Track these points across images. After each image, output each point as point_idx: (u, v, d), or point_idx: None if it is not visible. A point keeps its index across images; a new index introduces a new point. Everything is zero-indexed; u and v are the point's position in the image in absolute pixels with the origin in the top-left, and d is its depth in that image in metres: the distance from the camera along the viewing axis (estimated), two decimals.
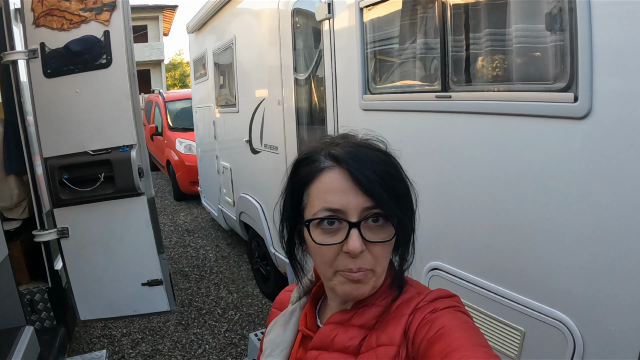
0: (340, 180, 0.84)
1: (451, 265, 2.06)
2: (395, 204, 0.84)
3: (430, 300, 0.87)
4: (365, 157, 0.85)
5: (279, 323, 1.05)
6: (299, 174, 0.90)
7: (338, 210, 0.83)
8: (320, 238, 0.85)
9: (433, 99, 2.04)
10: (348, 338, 0.88)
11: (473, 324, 0.83)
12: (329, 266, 0.86)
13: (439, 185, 2.08)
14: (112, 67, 2.80)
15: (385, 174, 0.84)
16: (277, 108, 3.73)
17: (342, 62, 2.71)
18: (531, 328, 1.69)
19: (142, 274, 3.08)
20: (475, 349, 0.73)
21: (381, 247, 0.85)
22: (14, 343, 2.32)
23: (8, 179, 3.24)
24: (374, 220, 0.84)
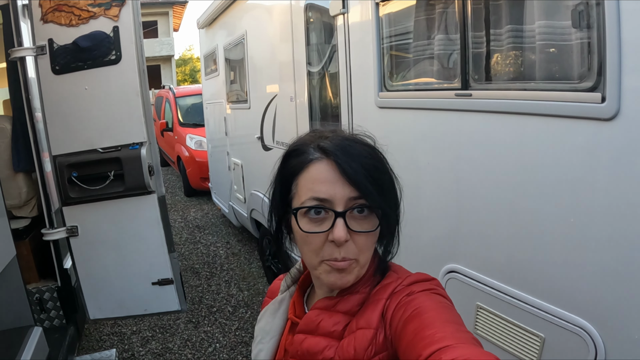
0: (328, 171, 0.88)
1: (469, 268, 2.02)
2: (380, 196, 0.88)
3: (407, 284, 0.91)
4: (353, 150, 0.89)
5: (269, 311, 1.10)
6: (288, 164, 0.95)
7: (325, 200, 0.87)
8: (307, 227, 0.89)
9: (452, 97, 1.99)
10: (333, 323, 0.93)
11: (448, 303, 0.87)
12: (315, 255, 0.91)
13: (457, 186, 2.03)
14: (122, 63, 2.78)
15: (371, 167, 0.89)
16: (289, 104, 3.69)
17: (357, 58, 2.66)
18: (551, 334, 1.65)
19: (152, 273, 3.07)
20: (445, 325, 0.77)
21: (365, 237, 0.90)
22: (22, 344, 2.30)
23: (16, 177, 3.22)
24: (359, 211, 0.88)
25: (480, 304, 1.93)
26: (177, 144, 9.75)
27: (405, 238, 2.37)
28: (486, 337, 1.90)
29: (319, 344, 0.93)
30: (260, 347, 1.08)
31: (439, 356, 0.69)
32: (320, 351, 0.92)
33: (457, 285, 2.06)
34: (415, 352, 0.74)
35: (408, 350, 0.77)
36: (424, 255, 2.29)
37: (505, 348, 1.81)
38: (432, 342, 0.73)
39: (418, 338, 0.76)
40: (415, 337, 0.77)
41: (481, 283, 1.93)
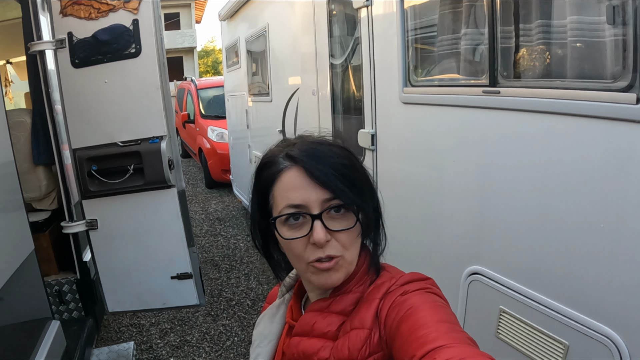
0: (299, 178, 0.91)
1: (493, 271, 1.98)
2: (353, 192, 0.91)
3: (401, 284, 0.92)
4: (320, 153, 0.92)
5: (266, 316, 1.14)
6: (262, 177, 0.99)
7: (300, 206, 0.91)
8: (288, 234, 0.93)
9: (480, 94, 1.94)
10: (326, 324, 0.95)
11: (442, 303, 0.88)
12: (301, 259, 0.93)
13: (482, 186, 1.99)
14: (142, 56, 2.77)
15: (339, 166, 0.91)
16: (311, 97, 3.67)
17: (381, 52, 2.62)
18: (576, 342, 1.61)
19: (171, 267, 3.08)
20: (439, 325, 0.77)
21: (346, 235, 0.92)
22: (40, 337, 2.33)
23: (36, 170, 3.25)
24: (335, 211, 0.91)
25: (503, 308, 1.89)
26: (198, 135, 9.82)
27: (426, 238, 2.35)
28: (509, 342, 1.86)
29: (314, 345, 0.95)
30: (259, 351, 1.11)
31: (432, 356, 0.70)
32: (316, 352, 0.94)
33: (480, 288, 2.03)
34: (410, 352, 0.75)
35: (402, 350, 0.78)
36: (446, 255, 2.25)
37: (528, 354, 1.78)
38: (426, 342, 0.73)
39: (412, 338, 0.77)
40: (409, 337, 0.78)
41: (505, 286, 1.89)
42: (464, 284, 2.11)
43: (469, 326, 2.11)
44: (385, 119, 2.63)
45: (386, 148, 2.66)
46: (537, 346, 1.74)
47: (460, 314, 2.14)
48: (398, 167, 2.58)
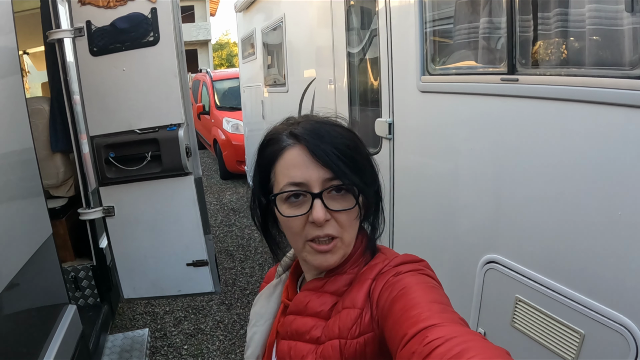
0: (301, 156, 0.92)
1: (509, 259, 1.98)
2: (354, 174, 0.92)
3: (394, 265, 0.94)
4: (324, 132, 0.93)
5: (264, 296, 1.16)
6: (264, 154, 1.00)
7: (301, 184, 0.92)
8: (288, 211, 0.94)
9: (498, 82, 1.94)
10: (320, 304, 0.97)
11: (435, 284, 0.89)
12: (299, 237, 0.95)
13: (500, 173, 1.99)
14: (160, 44, 2.80)
15: (342, 146, 0.92)
16: (328, 88, 3.68)
17: (399, 42, 2.63)
18: (591, 331, 1.61)
19: (187, 254, 3.12)
20: (431, 305, 0.78)
21: (345, 215, 0.93)
22: (57, 321, 2.37)
23: (54, 157, 3.30)
24: (336, 191, 0.92)
25: (519, 297, 1.90)
26: (213, 127, 9.89)
27: (443, 226, 2.37)
28: (524, 330, 1.87)
29: (306, 324, 0.97)
30: (255, 330, 1.13)
31: (424, 334, 0.70)
32: (308, 331, 0.96)
33: (496, 276, 2.04)
34: (402, 331, 0.76)
35: (394, 330, 0.79)
36: (463, 243, 2.26)
37: (543, 343, 1.78)
38: (418, 321, 0.74)
39: (404, 317, 0.77)
40: (401, 316, 0.78)
41: (521, 275, 1.90)
42: (480, 273, 2.12)
43: (484, 315, 2.12)
44: (402, 108, 2.64)
45: (403, 137, 2.67)
46: (553, 335, 1.75)
47: (476, 302, 2.15)
48: (415, 155, 2.59)
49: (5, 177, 2.06)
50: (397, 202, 2.76)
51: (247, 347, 1.14)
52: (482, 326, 2.14)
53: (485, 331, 2.11)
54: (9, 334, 1.92)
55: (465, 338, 0.67)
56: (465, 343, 0.66)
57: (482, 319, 2.14)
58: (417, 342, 0.70)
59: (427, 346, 0.68)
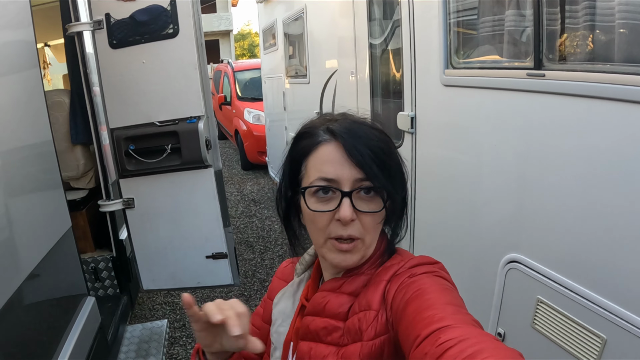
0: (336, 153, 0.93)
1: (532, 259, 1.95)
2: (385, 178, 0.92)
3: (409, 266, 0.95)
4: (361, 133, 0.94)
5: (287, 294, 1.15)
6: (298, 146, 1.00)
7: (332, 180, 0.93)
8: (315, 206, 0.95)
9: (524, 77, 1.89)
10: (338, 305, 0.98)
11: (450, 286, 0.89)
12: (322, 233, 0.95)
13: (524, 171, 1.95)
14: (179, 37, 2.81)
15: (377, 149, 0.93)
16: (350, 80, 3.65)
17: (422, 34, 2.58)
18: (614, 336, 1.58)
19: (206, 247, 3.14)
20: (445, 307, 0.78)
21: (371, 218, 0.94)
22: (75, 313, 2.41)
23: (74, 149, 3.34)
24: (365, 192, 0.93)
25: (541, 298, 1.87)
26: (235, 117, 9.93)
27: (464, 224, 2.33)
28: (545, 333, 1.84)
29: (326, 326, 0.97)
30: (281, 331, 1.12)
31: (437, 335, 0.71)
32: (329, 333, 0.97)
33: (517, 277, 2.01)
34: (415, 332, 0.76)
35: (408, 331, 0.79)
36: (484, 243, 2.23)
37: (563, 346, 1.75)
38: (431, 322, 0.74)
39: (418, 318, 0.78)
40: (415, 317, 0.79)
41: (544, 276, 1.86)
42: (502, 272, 2.08)
43: (504, 315, 2.10)
44: (425, 102, 2.60)
45: (426, 131, 2.63)
46: (574, 339, 1.71)
47: (497, 302, 2.12)
48: (437, 150, 2.55)
49: (25, 170, 2.09)
50: (418, 196, 2.73)
51: (275, 349, 1.12)
52: (502, 326, 2.11)
53: (505, 332, 2.09)
54: (29, 324, 1.95)
55: (479, 339, 0.67)
56: (479, 344, 0.66)
57: (502, 319, 2.11)
58: (430, 343, 0.70)
59: (440, 347, 0.68)
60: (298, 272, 1.17)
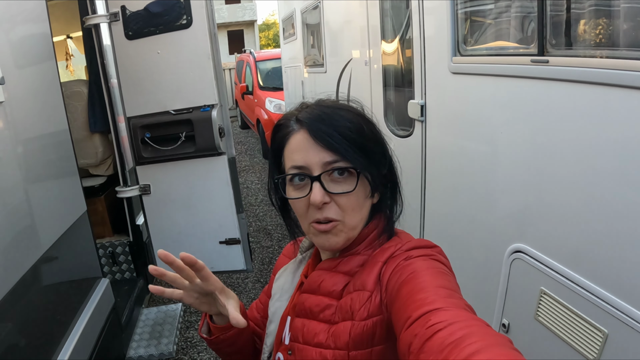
0: (304, 140, 0.92)
1: (536, 250, 1.86)
2: (359, 156, 0.91)
3: (406, 249, 0.92)
4: (326, 116, 0.93)
5: (288, 270, 1.15)
6: (275, 139, 1.01)
7: (302, 167, 0.92)
8: (292, 193, 0.95)
9: (528, 63, 1.80)
10: (332, 284, 0.96)
11: (445, 270, 0.86)
12: (304, 218, 0.96)
13: (531, 160, 1.86)
14: (193, 27, 2.81)
15: (344, 129, 0.91)
16: (364, 69, 3.58)
17: (431, 21, 2.50)
18: (615, 331, 1.49)
19: (220, 232, 3.15)
20: (438, 289, 0.77)
21: (346, 198, 0.92)
22: (89, 294, 2.44)
23: (93, 138, 3.38)
24: (339, 173, 0.91)
25: (544, 289, 1.79)
26: (256, 107, 9.88)
27: (472, 211, 2.26)
28: (547, 325, 1.76)
29: (320, 303, 0.96)
30: (278, 305, 1.12)
31: (428, 317, 0.70)
32: (321, 310, 0.95)
33: (522, 267, 1.93)
34: (406, 313, 0.75)
35: (400, 313, 0.78)
36: (491, 231, 2.15)
37: (564, 339, 1.67)
38: (423, 304, 0.73)
39: (410, 301, 0.77)
40: (407, 299, 0.78)
41: (547, 267, 1.78)
42: (507, 262, 2.01)
43: (509, 306, 2.02)
44: (434, 90, 2.53)
45: (435, 119, 2.55)
46: (575, 332, 1.63)
47: (502, 292, 2.05)
48: (446, 138, 2.47)
49: (43, 157, 2.12)
50: (428, 185, 2.66)
51: (270, 322, 1.13)
52: (506, 317, 2.04)
53: (510, 322, 2.01)
54: (42, 302, 1.98)
55: (468, 323, 0.66)
56: (468, 328, 0.65)
57: (506, 309, 2.04)
58: (420, 325, 0.69)
59: (429, 329, 0.67)
60: (302, 249, 1.16)
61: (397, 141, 2.99)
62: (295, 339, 0.99)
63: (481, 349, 0.59)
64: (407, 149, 2.83)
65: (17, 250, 1.76)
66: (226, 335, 1.08)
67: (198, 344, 3.56)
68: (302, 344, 0.96)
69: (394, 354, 0.83)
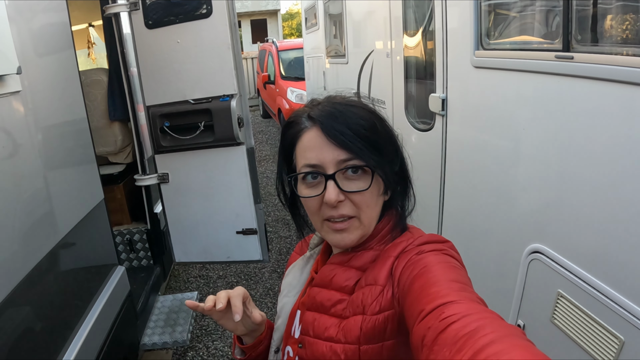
0: (317, 138, 0.92)
1: (555, 251, 1.82)
2: (373, 154, 0.90)
3: (418, 244, 0.92)
4: (339, 113, 0.92)
5: (296, 267, 1.16)
6: (286, 136, 1.00)
7: (316, 165, 0.92)
8: (305, 192, 0.95)
9: (552, 59, 1.74)
10: (345, 278, 0.97)
11: (457, 264, 0.86)
12: (317, 216, 0.95)
13: (551, 157, 1.81)
14: (213, 16, 2.79)
15: (356, 126, 0.90)
16: (385, 61, 3.54)
17: (454, 14, 2.45)
18: (632, 338, 1.45)
19: (237, 222, 3.15)
20: (451, 283, 0.77)
21: (360, 196, 0.92)
22: (105, 281, 2.46)
23: (112, 126, 3.40)
24: (353, 171, 0.91)
25: (561, 292, 1.74)
26: (278, 96, 9.88)
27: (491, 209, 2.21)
28: (563, 328, 1.73)
29: (331, 298, 0.97)
30: (285, 301, 1.13)
31: (441, 310, 0.70)
32: (333, 305, 0.96)
33: (540, 268, 1.89)
34: (419, 307, 0.75)
35: (412, 306, 0.78)
36: (509, 230, 2.11)
37: (580, 344, 1.63)
38: (436, 297, 0.73)
39: (423, 294, 0.77)
40: (420, 293, 0.78)
41: (566, 269, 1.74)
42: (524, 262, 1.97)
43: (525, 307, 1.99)
44: (456, 83, 2.48)
45: (456, 113, 2.51)
46: (591, 337, 1.60)
47: (518, 293, 2.02)
48: (467, 133, 2.43)
49: (61, 145, 2.13)
50: (447, 180, 2.63)
51: (278, 317, 1.15)
52: (522, 318, 2.00)
53: (525, 324, 1.98)
54: (59, 289, 2.00)
55: (481, 315, 0.66)
56: (481, 320, 0.64)
57: (522, 310, 2.00)
58: (433, 318, 0.70)
59: (443, 322, 0.67)
60: (311, 246, 1.17)
61: (417, 135, 2.95)
62: (305, 332, 0.99)
63: (495, 339, 0.59)
64: (427, 143, 2.80)
65: (34, 236, 1.78)
66: (257, 351, 1.15)
67: (213, 332, 3.59)
68: (312, 338, 0.97)
69: (405, 348, 0.85)
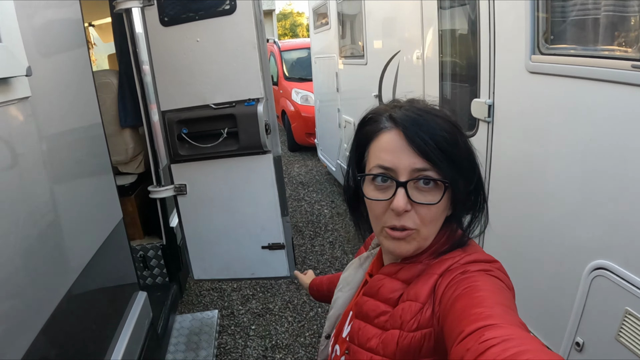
0: (396, 141, 0.95)
1: (622, 267, 1.86)
2: (449, 168, 0.92)
3: (464, 262, 0.95)
4: (423, 121, 0.94)
5: (354, 265, 1.26)
6: (363, 131, 1.04)
7: (389, 169, 0.95)
8: (372, 194, 0.98)
9: (628, 68, 1.77)
10: (391, 290, 1.02)
11: (503, 286, 0.89)
12: (377, 221, 0.99)
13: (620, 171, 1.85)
14: (237, 13, 2.71)
15: (440, 138, 0.92)
16: (415, 62, 3.55)
17: (504, 14, 2.46)
18: None
19: (263, 237, 3.11)
20: (494, 306, 0.79)
21: (427, 209, 0.95)
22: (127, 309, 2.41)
23: (123, 133, 3.33)
24: (425, 183, 0.93)
25: (629, 310, 1.80)
26: (282, 98, 10.01)
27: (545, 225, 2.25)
28: (630, 346, 1.79)
29: (376, 309, 1.02)
30: (339, 295, 1.25)
31: (482, 333, 0.72)
32: (377, 316, 1.01)
33: (604, 285, 1.94)
34: (459, 327, 0.77)
35: (453, 326, 0.80)
36: (567, 246, 2.15)
37: None
38: (477, 319, 0.75)
39: (464, 315, 0.79)
40: (461, 314, 0.80)
41: (635, 286, 1.79)
42: (586, 279, 2.01)
43: (585, 324, 2.05)
44: (505, 89, 2.50)
45: (505, 121, 2.53)
46: None
47: (577, 310, 2.07)
48: (517, 143, 2.46)
49: (76, 156, 2.06)
50: (492, 191, 2.64)
51: (331, 308, 1.27)
52: (580, 335, 2.07)
53: (584, 341, 2.05)
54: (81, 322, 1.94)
55: (523, 341, 0.68)
56: (522, 346, 0.66)
57: (582, 327, 2.06)
58: (473, 340, 0.72)
59: (482, 344, 0.69)
60: (372, 245, 1.25)
61: None
62: (352, 339, 1.05)
63: None
64: None
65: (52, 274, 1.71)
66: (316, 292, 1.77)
67: (232, 350, 3.60)
68: (356, 346, 1.03)
69: None
